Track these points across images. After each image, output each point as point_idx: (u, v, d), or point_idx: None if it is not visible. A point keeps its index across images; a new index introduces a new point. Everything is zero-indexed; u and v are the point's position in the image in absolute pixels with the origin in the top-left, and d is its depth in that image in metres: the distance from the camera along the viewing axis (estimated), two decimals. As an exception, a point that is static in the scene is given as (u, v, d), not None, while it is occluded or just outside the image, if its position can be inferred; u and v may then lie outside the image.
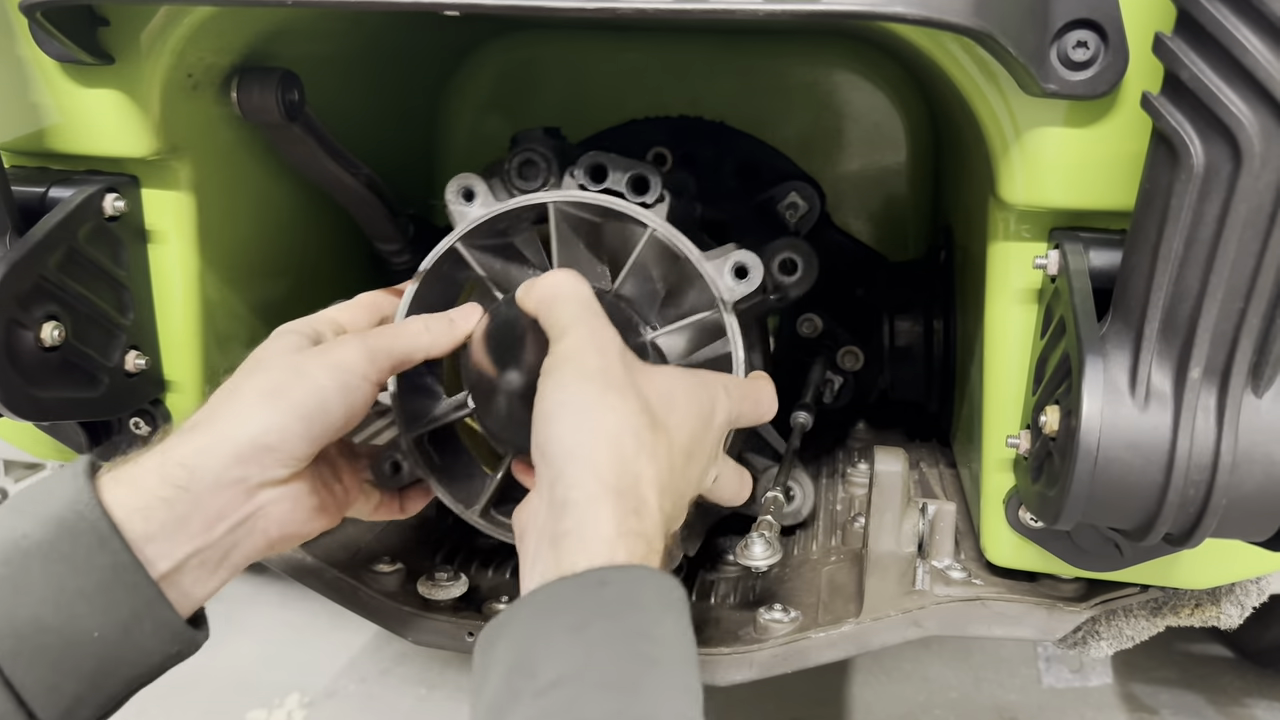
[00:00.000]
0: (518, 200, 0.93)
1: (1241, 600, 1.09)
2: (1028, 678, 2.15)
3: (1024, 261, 0.86)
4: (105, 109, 0.92)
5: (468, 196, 0.95)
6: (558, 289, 0.80)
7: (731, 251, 0.90)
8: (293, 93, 1.00)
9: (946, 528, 1.07)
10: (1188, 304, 0.69)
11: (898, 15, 0.68)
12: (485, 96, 1.54)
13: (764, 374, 0.92)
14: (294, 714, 2.10)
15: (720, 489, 0.86)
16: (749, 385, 0.88)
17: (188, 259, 1.01)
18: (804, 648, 1.01)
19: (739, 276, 0.90)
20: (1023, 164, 0.81)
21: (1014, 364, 0.90)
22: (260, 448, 0.74)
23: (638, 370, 0.76)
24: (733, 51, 1.47)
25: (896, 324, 1.30)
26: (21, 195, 0.91)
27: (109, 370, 0.98)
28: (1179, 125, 0.65)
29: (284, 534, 0.80)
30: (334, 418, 0.78)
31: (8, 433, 1.12)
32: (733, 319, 0.91)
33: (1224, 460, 0.69)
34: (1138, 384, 0.71)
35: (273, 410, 0.76)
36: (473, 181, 0.95)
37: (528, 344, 0.83)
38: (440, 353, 0.87)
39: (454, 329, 0.88)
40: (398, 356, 0.84)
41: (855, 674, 2.15)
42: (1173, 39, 0.64)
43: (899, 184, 1.48)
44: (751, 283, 0.89)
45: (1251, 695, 2.11)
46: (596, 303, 0.79)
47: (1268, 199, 0.64)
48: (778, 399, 0.89)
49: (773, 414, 0.88)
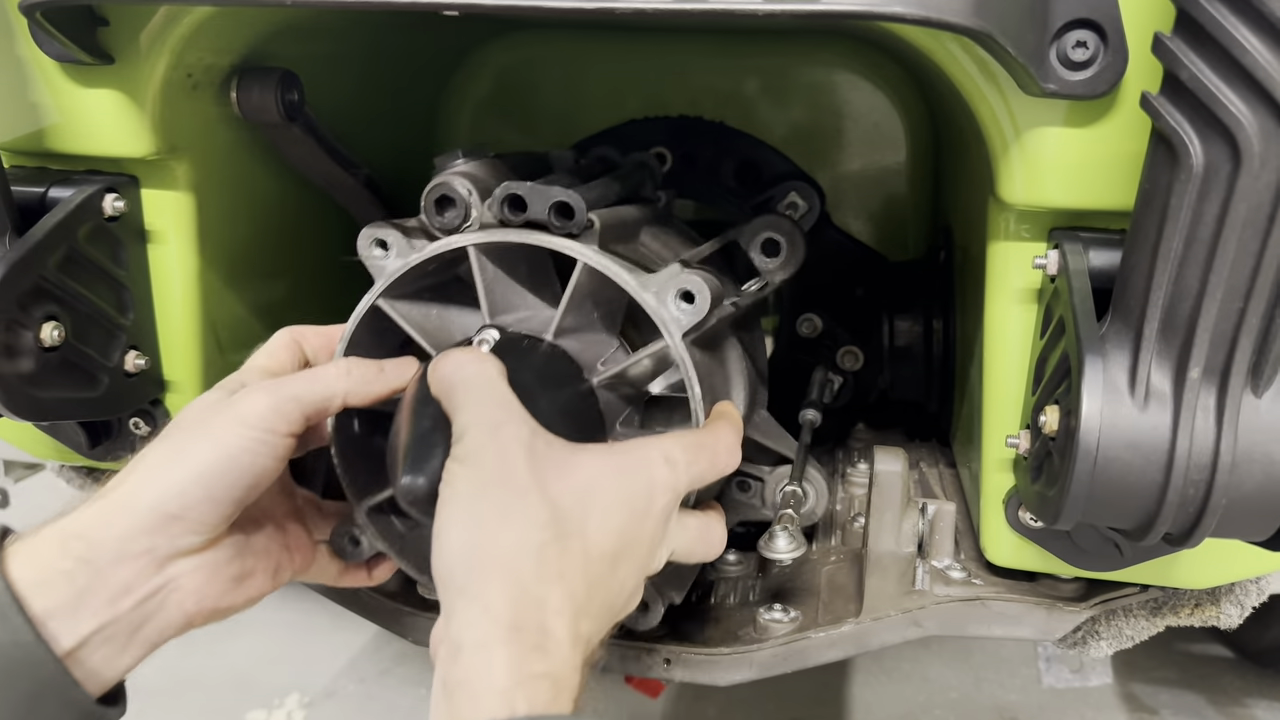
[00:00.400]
0: (433, 248, 0.83)
1: (1241, 600, 1.09)
2: (1028, 678, 2.15)
3: (1024, 261, 0.86)
4: (105, 109, 0.91)
5: (382, 247, 0.86)
6: (454, 374, 0.71)
7: (678, 274, 0.81)
8: (292, 93, 1.00)
9: (946, 528, 1.07)
10: (1187, 304, 0.69)
11: (897, 15, 0.68)
12: (485, 96, 1.54)
13: (725, 411, 0.83)
14: (294, 714, 2.10)
15: (686, 555, 0.78)
16: (704, 438, 0.77)
17: (187, 259, 1.01)
18: (804, 648, 1.01)
19: (686, 302, 0.80)
20: (1022, 164, 0.81)
21: (1014, 364, 0.90)
22: (164, 516, 0.69)
23: (549, 466, 0.67)
24: (732, 51, 1.47)
25: (896, 324, 1.30)
26: (21, 195, 0.91)
27: (109, 370, 0.98)
28: (1178, 125, 0.65)
29: (202, 608, 0.73)
30: (241, 478, 0.71)
31: (8, 433, 1.12)
32: (685, 351, 0.80)
33: (1223, 460, 0.69)
34: (1137, 384, 0.71)
35: (171, 475, 0.70)
36: (383, 231, 0.86)
37: (437, 437, 0.71)
38: (362, 401, 0.79)
39: (383, 379, 0.79)
40: (310, 405, 0.75)
41: (855, 674, 2.15)
42: (1172, 39, 0.64)
43: (899, 184, 1.48)
44: (699, 310, 0.79)
45: (1251, 695, 2.11)
46: (501, 385, 0.70)
47: (1267, 199, 0.64)
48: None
49: (734, 465, 0.79)
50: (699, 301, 0.79)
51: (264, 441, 0.72)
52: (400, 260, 0.85)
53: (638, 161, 1.07)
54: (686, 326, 0.79)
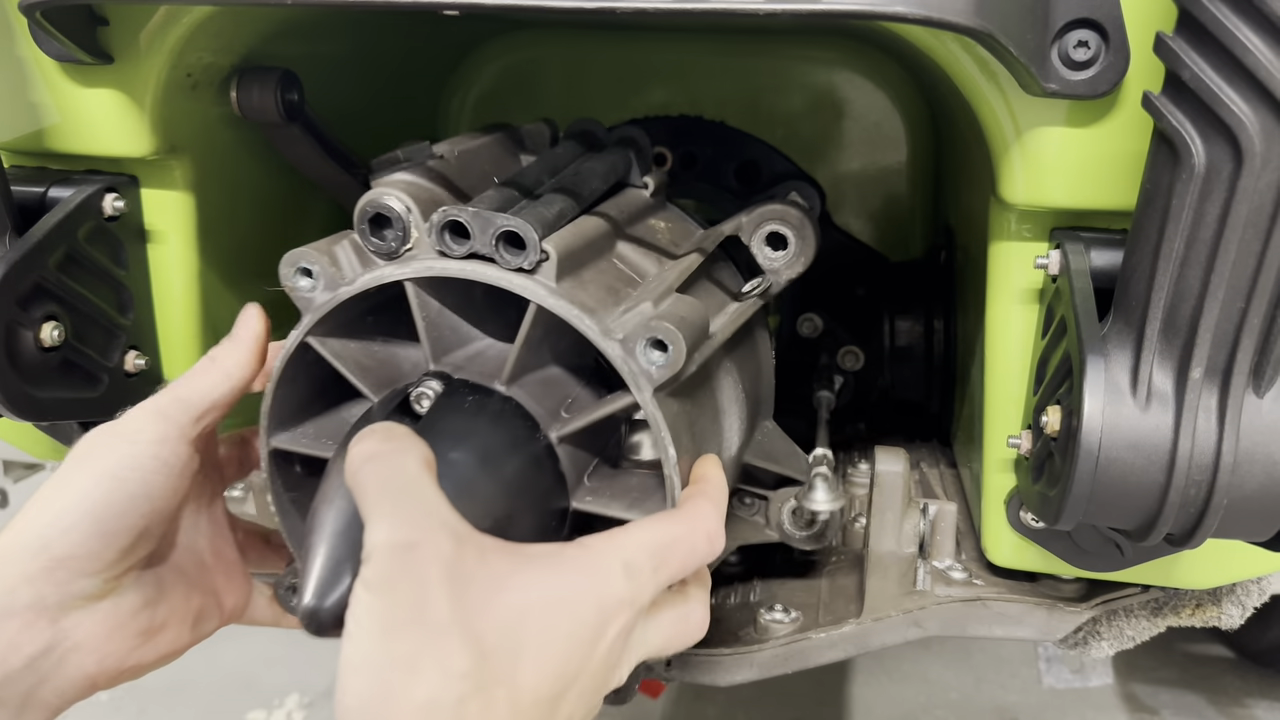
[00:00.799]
0: (362, 282, 0.72)
1: (1243, 600, 1.09)
2: (1028, 678, 2.15)
3: (1025, 261, 0.86)
4: (104, 109, 0.91)
5: (307, 276, 0.74)
6: (363, 470, 0.57)
7: (648, 319, 0.68)
8: (292, 92, 1.00)
9: (947, 528, 1.07)
10: (1189, 304, 0.69)
11: (898, 15, 0.68)
12: (485, 96, 1.54)
13: (707, 477, 0.71)
14: (294, 714, 2.10)
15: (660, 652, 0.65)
16: (677, 529, 0.64)
17: (187, 259, 1.01)
18: (805, 648, 1.01)
19: (658, 350, 0.68)
20: (1024, 164, 0.81)
21: (1015, 364, 0.90)
22: (50, 560, 0.60)
23: (476, 593, 0.55)
24: (733, 51, 1.47)
25: (897, 324, 1.30)
26: (21, 195, 0.91)
27: (108, 370, 0.98)
28: (1180, 125, 0.65)
29: (105, 668, 0.64)
30: (133, 503, 0.62)
31: (7, 433, 1.12)
32: (657, 409, 0.68)
33: (1225, 460, 0.69)
34: (1139, 384, 0.71)
35: (53, 510, 0.61)
36: (308, 258, 0.74)
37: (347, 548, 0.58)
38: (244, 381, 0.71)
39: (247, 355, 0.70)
40: (195, 405, 0.67)
41: (856, 674, 2.15)
42: (1174, 38, 0.64)
43: (899, 184, 1.48)
44: (674, 362, 0.67)
45: (1252, 695, 2.11)
46: (422, 483, 0.57)
47: (1269, 199, 0.64)
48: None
49: (716, 553, 0.66)
50: (673, 353, 0.67)
51: (153, 457, 0.64)
52: (328, 293, 0.73)
53: (622, 138, 0.96)
54: (659, 381, 0.68)
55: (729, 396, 0.86)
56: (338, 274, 0.73)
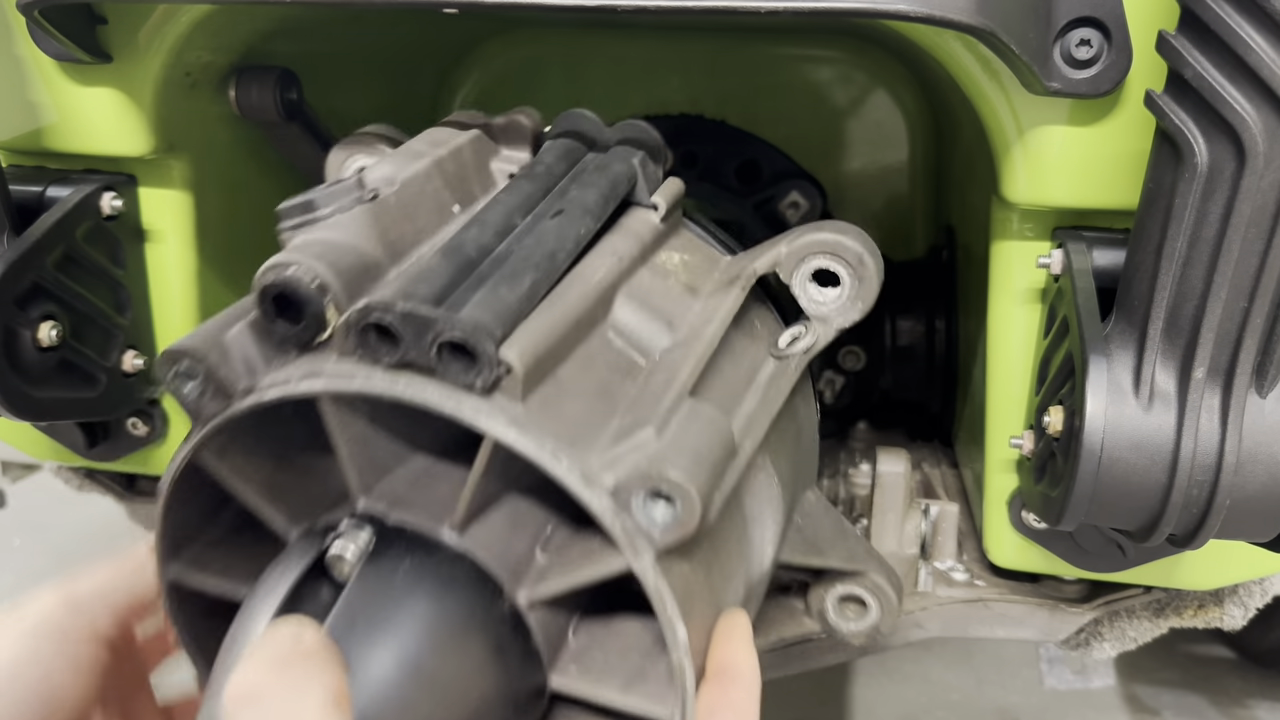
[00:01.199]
0: (256, 396, 0.53)
1: (1245, 601, 1.09)
2: (1030, 679, 2.14)
3: (1027, 261, 0.85)
4: (103, 108, 0.91)
5: (190, 378, 0.53)
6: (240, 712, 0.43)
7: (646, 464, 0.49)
8: (291, 91, 0.99)
9: (949, 529, 1.06)
10: (1192, 303, 0.68)
11: (900, 13, 0.68)
12: (485, 94, 1.54)
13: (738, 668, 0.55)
14: (294, 714, 2.10)
15: None
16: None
17: (186, 258, 1.01)
18: (806, 649, 1.00)
19: (664, 501, 0.49)
20: (1026, 163, 0.81)
21: (1017, 364, 0.90)
22: None
23: None
24: (733, 50, 1.46)
25: (898, 323, 1.30)
26: (19, 194, 0.91)
27: (107, 370, 0.97)
28: (1183, 124, 0.65)
29: None
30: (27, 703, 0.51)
31: (5, 433, 1.12)
32: (660, 579, 0.49)
33: (1228, 461, 0.69)
34: (1141, 384, 0.71)
35: None
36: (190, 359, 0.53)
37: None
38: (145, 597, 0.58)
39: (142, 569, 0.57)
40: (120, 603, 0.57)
41: (857, 675, 2.15)
42: (1176, 37, 0.64)
43: (901, 183, 1.47)
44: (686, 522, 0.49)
45: (1254, 697, 2.11)
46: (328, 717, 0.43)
47: (1272, 198, 0.64)
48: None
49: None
50: (682, 511, 0.48)
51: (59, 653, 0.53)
52: (219, 402, 0.53)
53: (625, 138, 0.75)
54: (663, 545, 0.49)
55: (762, 497, 0.65)
56: (230, 374, 0.53)
